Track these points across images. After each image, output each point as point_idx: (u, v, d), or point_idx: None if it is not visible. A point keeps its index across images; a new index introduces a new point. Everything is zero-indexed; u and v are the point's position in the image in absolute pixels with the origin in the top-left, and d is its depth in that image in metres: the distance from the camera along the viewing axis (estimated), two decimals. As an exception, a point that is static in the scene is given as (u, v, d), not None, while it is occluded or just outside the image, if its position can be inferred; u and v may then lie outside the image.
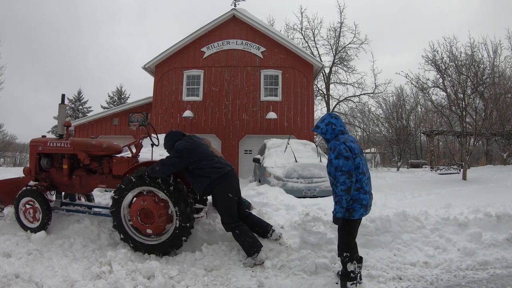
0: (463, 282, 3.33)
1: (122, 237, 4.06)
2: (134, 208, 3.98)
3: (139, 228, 3.99)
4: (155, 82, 15.93)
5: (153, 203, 3.93)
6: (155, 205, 3.92)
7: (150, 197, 3.98)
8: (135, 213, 3.95)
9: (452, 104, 12.47)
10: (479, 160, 24.56)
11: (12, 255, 3.94)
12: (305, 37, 27.47)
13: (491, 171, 13.25)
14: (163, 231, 4.03)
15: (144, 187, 4.01)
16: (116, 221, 4.06)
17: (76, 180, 4.66)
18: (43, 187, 4.75)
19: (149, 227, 3.93)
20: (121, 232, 4.06)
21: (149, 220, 3.92)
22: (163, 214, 3.95)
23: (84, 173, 4.67)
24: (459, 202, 5.72)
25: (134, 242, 3.99)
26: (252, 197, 7.19)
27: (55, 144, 4.69)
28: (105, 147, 4.63)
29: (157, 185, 3.93)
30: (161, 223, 3.95)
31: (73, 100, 37.01)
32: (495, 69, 16.71)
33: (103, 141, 4.75)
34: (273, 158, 8.91)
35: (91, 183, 4.68)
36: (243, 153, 15.54)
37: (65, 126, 4.77)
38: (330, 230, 4.14)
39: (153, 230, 3.94)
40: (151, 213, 3.90)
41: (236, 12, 15.82)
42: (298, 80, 15.66)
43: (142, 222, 3.94)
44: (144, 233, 4.00)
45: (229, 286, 3.27)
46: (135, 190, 4.05)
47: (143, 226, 3.94)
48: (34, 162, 4.80)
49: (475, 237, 4.12)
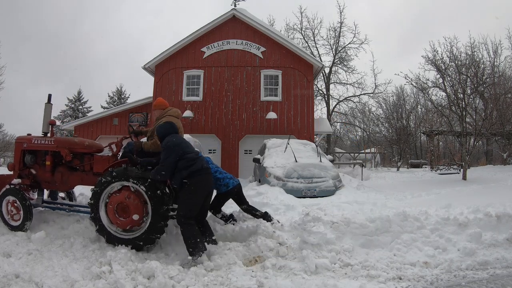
0: (463, 282, 3.32)
1: (97, 228, 4.14)
2: (112, 202, 4.06)
3: (114, 221, 4.07)
4: (155, 82, 15.93)
5: (130, 198, 4.01)
6: (132, 201, 4.00)
7: (129, 192, 4.05)
8: (113, 206, 4.04)
9: (452, 104, 12.46)
10: (479, 160, 24.55)
11: (12, 255, 3.94)
12: (305, 37, 27.53)
13: (491, 171, 13.25)
14: (138, 226, 4.08)
15: (124, 182, 4.09)
16: (94, 213, 4.15)
17: (58, 176, 4.80)
18: (26, 186, 4.88)
19: (124, 221, 4.02)
20: (97, 224, 4.14)
21: (125, 215, 4.01)
22: (139, 210, 4.01)
23: (66, 170, 4.80)
24: (459, 202, 5.72)
25: (108, 234, 4.09)
26: (252, 197, 7.19)
27: (39, 141, 4.85)
28: (87, 145, 4.86)
29: (136, 181, 4.03)
30: (136, 219, 4.01)
31: (73, 100, 37.00)
32: (495, 69, 16.73)
33: (85, 140, 4.95)
34: (273, 158, 8.91)
35: (72, 180, 4.82)
36: (243, 153, 15.53)
37: (50, 124, 4.97)
38: (330, 230, 4.14)
39: (127, 224, 4.02)
40: (128, 208, 3.99)
41: (236, 12, 15.82)
42: (298, 80, 15.66)
43: (118, 215, 4.03)
44: (119, 227, 4.08)
45: (229, 286, 3.26)
46: (115, 184, 4.12)
47: (119, 219, 4.03)
48: (18, 159, 4.96)
49: (475, 237, 4.12)
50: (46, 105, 5.09)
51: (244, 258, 3.87)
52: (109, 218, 4.12)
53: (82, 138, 5.03)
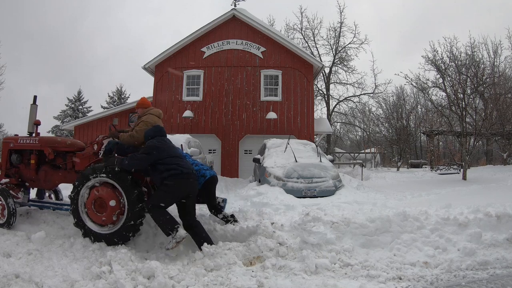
0: (463, 282, 3.32)
1: (75, 221, 4.29)
2: (91, 197, 4.22)
3: (91, 216, 4.22)
4: (155, 82, 15.93)
5: (108, 194, 4.13)
6: (110, 197, 4.12)
7: (108, 188, 4.19)
8: (91, 201, 4.19)
9: (452, 104, 12.45)
10: (479, 160, 24.56)
11: (12, 255, 3.94)
12: (305, 37, 27.52)
13: (491, 171, 13.24)
14: (114, 222, 4.19)
15: (103, 178, 4.22)
16: (73, 206, 4.29)
17: (42, 174, 4.98)
18: (13, 185, 5.05)
19: (100, 216, 4.15)
20: (75, 217, 4.29)
21: (102, 210, 4.14)
22: (116, 206, 4.12)
23: (50, 168, 4.98)
24: (459, 202, 5.72)
25: (85, 228, 4.23)
26: (252, 197, 7.20)
27: (25, 141, 5.04)
28: (69, 144, 5.05)
29: (115, 178, 4.15)
30: (112, 215, 4.13)
31: (73, 100, 36.99)
32: (495, 69, 16.72)
33: (67, 139, 5.20)
34: (273, 158, 8.91)
35: (56, 178, 4.99)
36: (243, 153, 15.54)
37: (35, 124, 5.21)
38: (330, 230, 4.14)
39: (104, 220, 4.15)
40: (105, 204, 4.12)
41: (236, 12, 15.82)
42: (298, 80, 15.66)
43: (96, 211, 4.18)
44: (96, 221, 4.21)
45: (229, 286, 3.26)
46: (95, 180, 4.26)
47: (96, 214, 4.18)
48: (5, 158, 5.15)
49: (475, 237, 4.12)
50: (31, 106, 5.33)
51: (244, 258, 3.87)
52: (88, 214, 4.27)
53: (65, 137, 5.25)
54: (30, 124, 5.25)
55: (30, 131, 5.22)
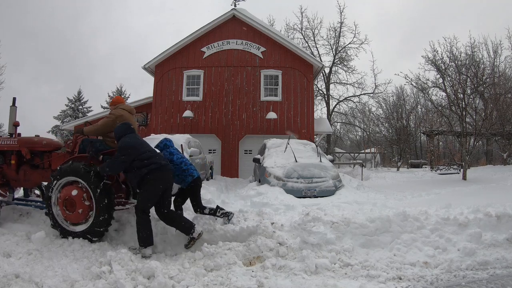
0: (463, 282, 3.33)
1: (52, 223, 4.41)
2: (61, 197, 4.34)
3: (64, 215, 4.35)
4: (155, 82, 15.93)
5: (77, 193, 4.24)
6: (78, 195, 4.23)
7: (76, 187, 4.29)
8: (62, 201, 4.31)
9: (452, 104, 12.45)
10: (479, 160, 24.55)
11: (12, 255, 3.94)
12: (305, 37, 27.50)
13: (491, 171, 13.24)
14: (85, 220, 4.30)
15: (71, 177, 4.35)
16: (47, 208, 4.43)
17: (22, 174, 5.14)
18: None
19: (71, 215, 4.28)
20: (51, 219, 4.41)
21: (72, 209, 4.26)
22: (85, 204, 4.24)
23: (29, 168, 5.13)
24: (459, 202, 5.71)
25: (62, 228, 4.36)
26: (252, 197, 7.20)
27: (5, 142, 5.19)
28: (45, 144, 5.17)
29: (82, 176, 4.26)
30: (82, 212, 4.25)
31: (73, 100, 36.99)
32: (495, 69, 16.69)
33: (43, 138, 5.30)
34: (273, 158, 8.91)
35: (35, 177, 5.15)
36: (243, 153, 15.54)
37: (14, 126, 5.38)
38: (330, 230, 4.14)
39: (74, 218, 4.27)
40: (74, 202, 4.24)
41: (236, 12, 15.82)
42: (298, 80, 15.67)
43: (67, 210, 4.30)
44: (69, 220, 4.34)
45: (229, 286, 3.27)
46: (64, 180, 4.39)
47: (67, 213, 4.31)
48: None
49: (475, 237, 4.12)
50: (11, 108, 5.45)
51: (244, 258, 3.87)
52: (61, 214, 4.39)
53: (42, 137, 5.36)
54: (10, 125, 5.41)
55: (10, 132, 5.37)
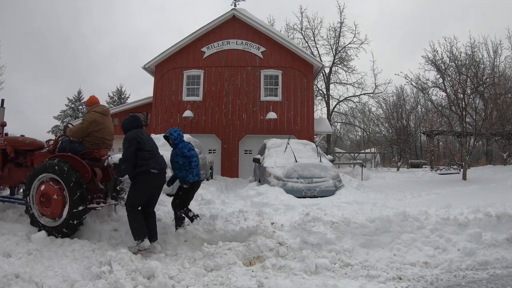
0: (463, 282, 3.33)
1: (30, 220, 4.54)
2: (38, 193, 4.49)
3: (41, 210, 4.47)
4: (155, 82, 15.93)
5: (51, 188, 4.38)
6: (53, 191, 4.37)
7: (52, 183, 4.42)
8: (39, 197, 4.46)
9: (452, 104, 12.44)
10: (479, 160, 24.54)
11: (12, 255, 3.94)
12: (305, 37, 27.48)
13: (491, 171, 13.24)
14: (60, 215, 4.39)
15: (46, 174, 4.46)
16: (26, 205, 4.56)
17: (6, 172, 5.34)
18: None
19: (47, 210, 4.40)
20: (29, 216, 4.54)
21: (48, 204, 4.40)
22: (59, 199, 4.35)
23: (13, 166, 5.33)
24: (459, 202, 5.72)
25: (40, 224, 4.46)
26: (252, 197, 7.20)
27: None
28: (28, 143, 5.34)
29: (56, 172, 4.38)
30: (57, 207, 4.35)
31: (73, 100, 36.99)
32: (495, 69, 16.70)
33: (27, 138, 5.46)
34: (273, 158, 8.91)
35: (18, 175, 5.30)
36: (243, 153, 15.54)
37: (1, 125, 5.61)
38: (330, 230, 4.14)
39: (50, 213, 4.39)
40: (50, 198, 4.37)
41: (236, 12, 15.82)
42: (298, 80, 15.66)
43: (43, 205, 4.44)
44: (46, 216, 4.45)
45: (229, 286, 3.27)
46: (41, 177, 4.51)
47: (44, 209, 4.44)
48: None
49: (475, 237, 4.12)
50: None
51: (244, 258, 3.87)
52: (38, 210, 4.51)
53: (26, 137, 5.50)
54: None
55: None
